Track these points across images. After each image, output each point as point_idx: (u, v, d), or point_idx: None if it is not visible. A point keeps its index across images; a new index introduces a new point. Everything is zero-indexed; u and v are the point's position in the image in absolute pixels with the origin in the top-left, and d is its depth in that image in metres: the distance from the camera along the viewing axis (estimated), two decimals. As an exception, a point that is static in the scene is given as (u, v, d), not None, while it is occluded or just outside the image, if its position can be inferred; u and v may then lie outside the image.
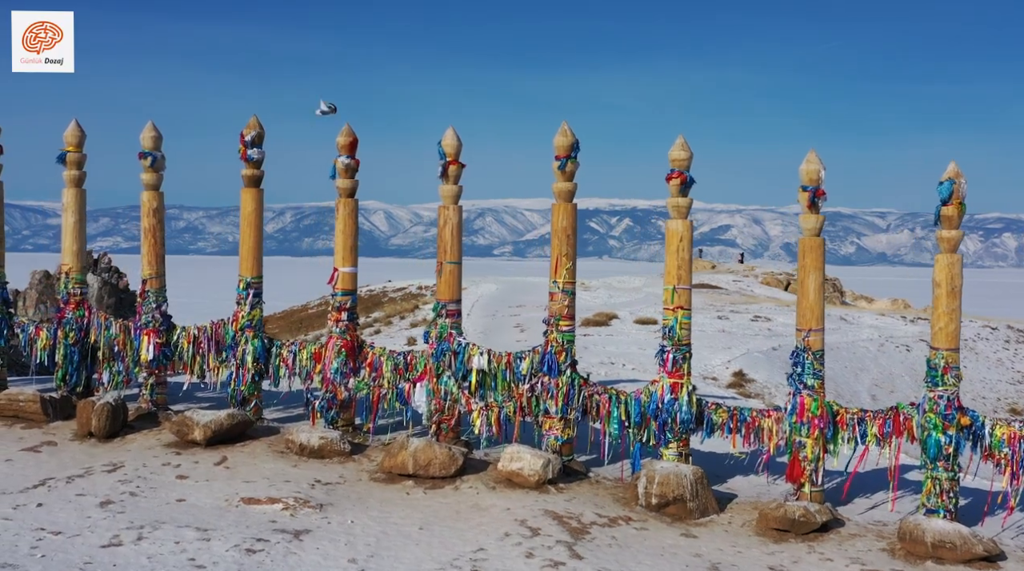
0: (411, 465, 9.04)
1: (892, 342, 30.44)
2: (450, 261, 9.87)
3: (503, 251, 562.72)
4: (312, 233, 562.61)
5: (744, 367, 21.88)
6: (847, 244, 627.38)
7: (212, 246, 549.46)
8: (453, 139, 9.77)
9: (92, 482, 8.85)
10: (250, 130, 10.50)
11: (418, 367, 10.00)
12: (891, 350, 29.58)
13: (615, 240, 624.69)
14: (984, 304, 77.84)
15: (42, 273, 75.20)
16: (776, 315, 34.85)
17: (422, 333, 10.22)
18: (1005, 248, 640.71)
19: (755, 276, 73.17)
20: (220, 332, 10.80)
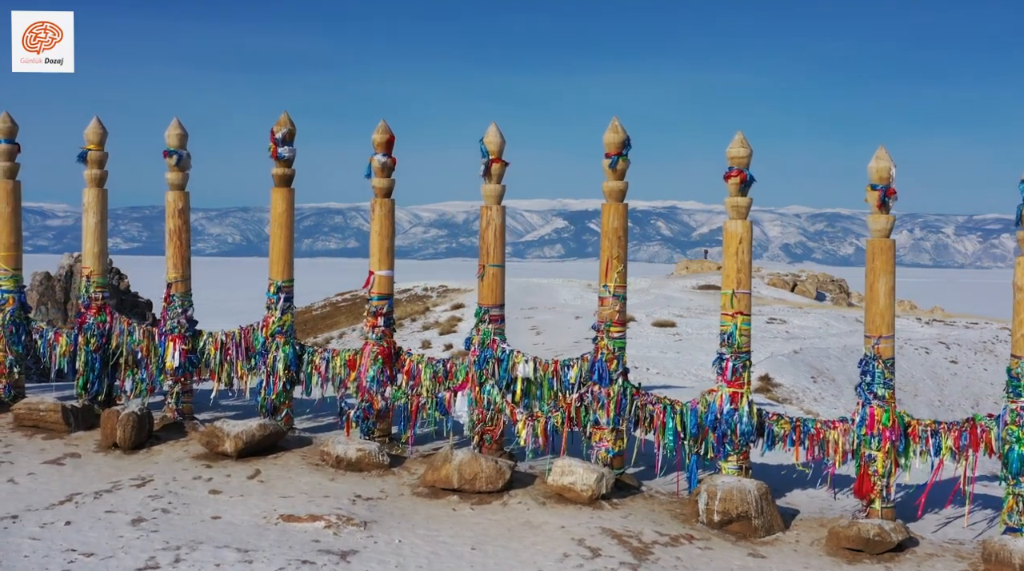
0: (456, 479, 8.59)
1: (911, 345, 30.00)
2: (493, 264, 9.43)
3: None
4: (311, 234, 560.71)
5: (769, 371, 21.42)
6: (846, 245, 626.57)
7: (211, 247, 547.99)
8: (496, 136, 9.33)
9: (121, 498, 8.39)
10: (281, 127, 10.06)
11: (459, 375, 9.56)
12: (910, 353, 29.12)
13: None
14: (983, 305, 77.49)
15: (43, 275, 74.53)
16: (791, 317, 34.40)
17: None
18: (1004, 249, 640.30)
19: (761, 277, 72.73)
20: (249, 338, 10.34)
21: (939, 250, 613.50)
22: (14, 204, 11.12)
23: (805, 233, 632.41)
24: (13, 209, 11.10)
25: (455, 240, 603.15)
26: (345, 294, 67.45)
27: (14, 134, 11.11)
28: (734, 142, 8.54)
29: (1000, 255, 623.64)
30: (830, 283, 75.43)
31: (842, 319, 34.87)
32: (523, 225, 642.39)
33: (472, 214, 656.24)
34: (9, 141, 11.08)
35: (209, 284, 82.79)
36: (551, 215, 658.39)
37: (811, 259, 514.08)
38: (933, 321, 35.30)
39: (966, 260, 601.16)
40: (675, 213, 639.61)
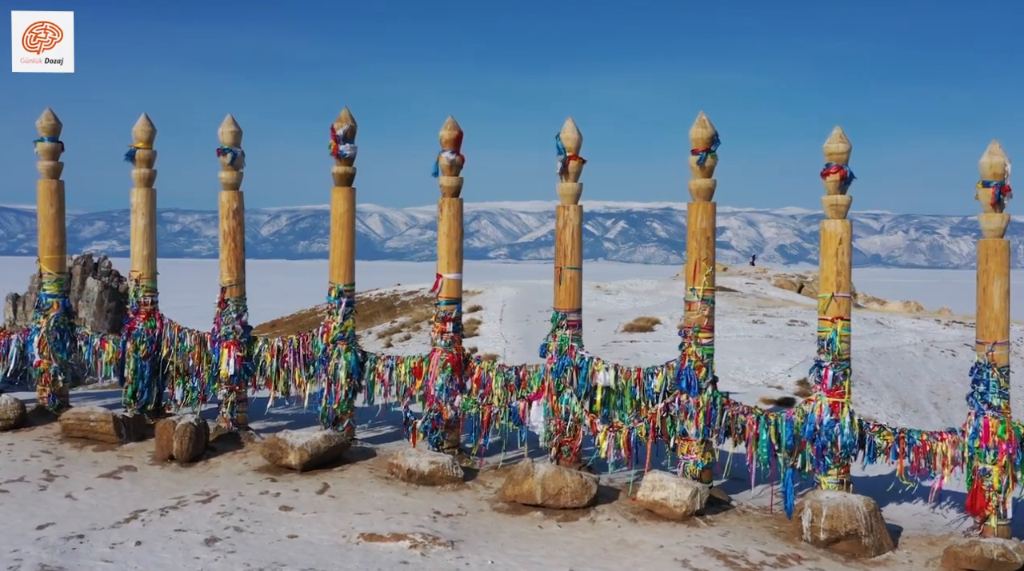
0: (539, 494, 8.15)
1: (936, 347, 29.56)
2: (570, 266, 9.00)
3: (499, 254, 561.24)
4: (307, 236, 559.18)
5: (806, 375, 20.95)
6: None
7: (208, 250, 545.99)
8: (573, 132, 8.90)
9: (189, 515, 7.94)
10: (342, 123, 9.61)
11: (533, 383, 9.11)
12: (936, 355, 28.70)
13: (610, 242, 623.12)
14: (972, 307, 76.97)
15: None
16: (812, 319, 33.85)
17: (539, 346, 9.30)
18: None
19: (768, 278, 72.29)
20: (308, 344, 9.89)
21: (934, 251, 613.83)
22: (58, 205, 10.67)
23: (801, 234, 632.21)
24: (57, 210, 10.66)
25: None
26: (348, 297, 66.80)
27: (58, 132, 10.68)
28: (832, 137, 8.11)
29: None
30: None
31: (863, 321, 34.41)
32: (519, 227, 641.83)
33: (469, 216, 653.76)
34: (53, 139, 10.64)
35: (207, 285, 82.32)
36: (547, 217, 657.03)
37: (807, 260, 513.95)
38: (953, 323, 34.82)
39: (961, 261, 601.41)
40: (671, 214, 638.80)
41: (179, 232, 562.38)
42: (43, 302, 10.60)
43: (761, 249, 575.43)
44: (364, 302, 65.36)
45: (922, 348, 29.82)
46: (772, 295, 62.00)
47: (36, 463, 9.15)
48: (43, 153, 10.60)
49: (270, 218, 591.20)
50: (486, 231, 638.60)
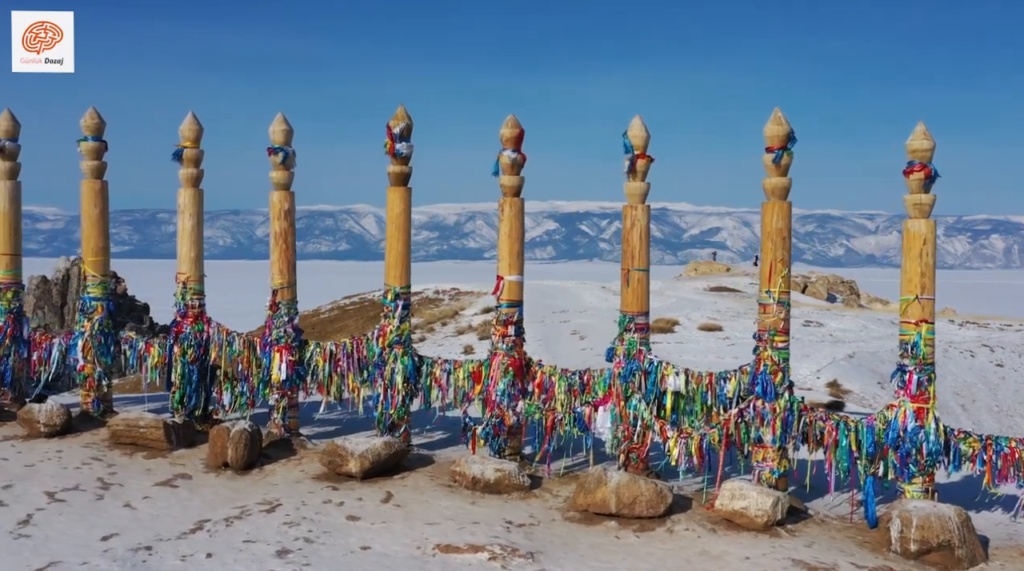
0: (613, 503, 7.90)
1: (955, 348, 29.45)
2: (638, 268, 8.75)
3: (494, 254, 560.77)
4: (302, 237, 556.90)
5: (836, 377, 20.78)
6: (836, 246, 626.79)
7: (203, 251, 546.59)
8: (641, 130, 8.66)
9: (255, 525, 7.69)
10: (398, 121, 9.37)
11: (598, 388, 8.87)
12: (956, 356, 28.58)
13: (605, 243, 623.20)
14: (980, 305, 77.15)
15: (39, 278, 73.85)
16: (827, 320, 33.81)
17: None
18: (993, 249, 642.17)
19: (771, 279, 72.11)
20: (362, 349, 9.65)
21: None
22: (102, 205, 10.42)
23: (796, 234, 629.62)
24: (101, 211, 10.41)
25: (446, 242, 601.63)
26: (352, 297, 66.72)
27: (101, 131, 10.44)
28: (916, 134, 7.88)
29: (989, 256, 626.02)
30: (840, 284, 74.92)
31: (877, 321, 34.27)
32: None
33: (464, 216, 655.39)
34: (97, 138, 10.40)
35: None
36: (542, 217, 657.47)
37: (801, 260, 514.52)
38: (967, 323, 34.70)
39: (956, 260, 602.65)
40: (666, 215, 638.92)
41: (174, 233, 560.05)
42: (87, 305, 10.34)
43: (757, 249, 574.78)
44: (368, 303, 65.15)
45: (940, 349, 29.69)
46: (776, 295, 61.67)
47: (88, 471, 8.90)
48: (87, 152, 10.35)
49: (264, 219, 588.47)
50: (481, 231, 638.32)
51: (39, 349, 10.59)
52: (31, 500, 8.10)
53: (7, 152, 10.50)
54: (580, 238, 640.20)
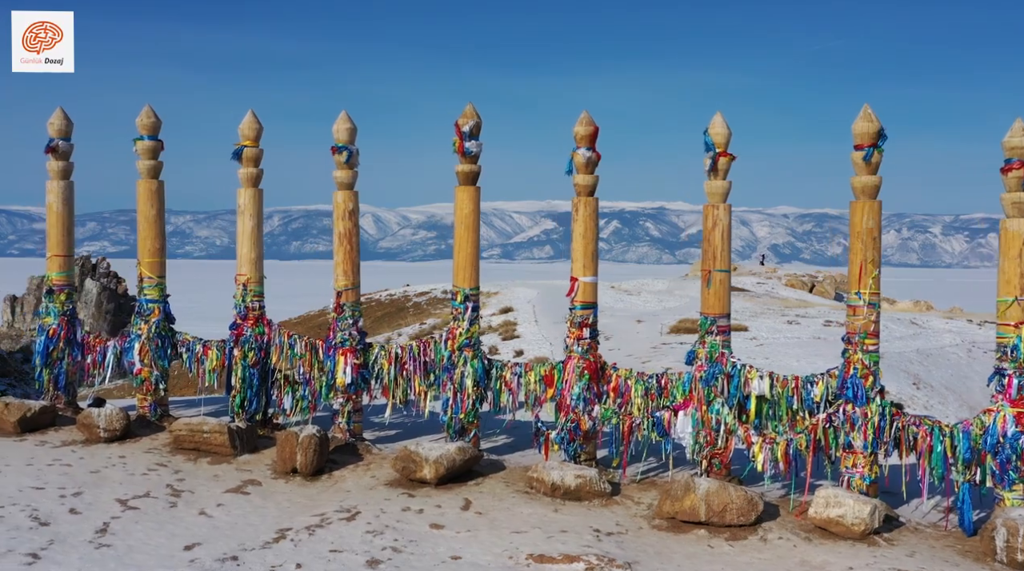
0: (703, 511, 7.70)
1: (978, 348, 29.27)
2: (719, 269, 8.53)
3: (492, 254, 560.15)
4: (300, 237, 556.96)
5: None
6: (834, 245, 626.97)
7: (200, 250, 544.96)
8: (723, 127, 8.46)
9: (338, 534, 7.48)
10: (467, 120, 9.15)
11: (676, 392, 8.65)
12: (980, 356, 28.41)
13: (603, 242, 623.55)
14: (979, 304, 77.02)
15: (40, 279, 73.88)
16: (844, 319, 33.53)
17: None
18: (991, 248, 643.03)
19: (778, 278, 72.06)
20: (429, 351, 9.44)
21: (926, 250, 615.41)
22: (159, 206, 10.20)
23: (793, 233, 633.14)
24: (158, 211, 10.19)
25: (444, 241, 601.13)
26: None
27: (158, 129, 10.23)
28: (1014, 130, 7.68)
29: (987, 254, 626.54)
30: (846, 284, 74.61)
31: (897, 321, 34.09)
32: (512, 226, 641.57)
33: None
34: (153, 137, 10.18)
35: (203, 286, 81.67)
36: (540, 217, 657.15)
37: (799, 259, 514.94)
38: (985, 323, 34.55)
39: (953, 259, 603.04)
40: (663, 214, 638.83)
41: (171, 233, 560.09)
42: (143, 308, 10.12)
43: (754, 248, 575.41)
44: (375, 303, 64.92)
45: (964, 349, 29.53)
46: (784, 295, 61.74)
47: (156, 477, 8.69)
48: (143, 152, 10.14)
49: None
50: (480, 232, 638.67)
51: (93, 352, 10.37)
52: (104, 508, 7.89)
53: (60, 151, 10.29)
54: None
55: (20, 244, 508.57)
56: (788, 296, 61.07)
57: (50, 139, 10.28)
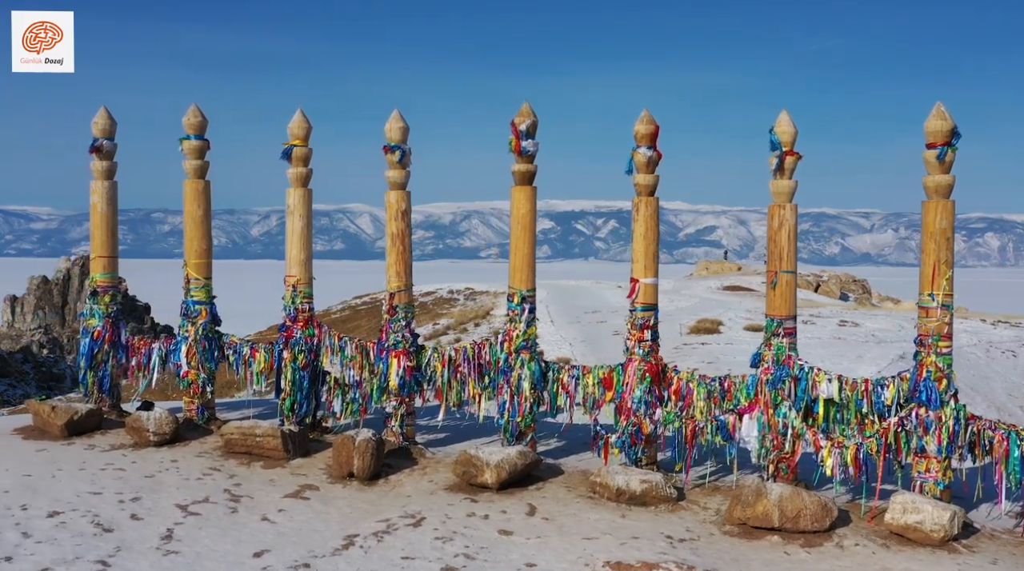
0: (776, 517, 7.56)
1: (996, 348, 29.15)
2: (785, 270, 8.39)
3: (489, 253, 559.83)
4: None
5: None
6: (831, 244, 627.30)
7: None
8: (789, 126, 8.31)
9: (406, 540, 7.34)
10: (524, 119, 9.01)
11: (740, 395, 8.51)
12: (998, 356, 28.28)
13: (601, 242, 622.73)
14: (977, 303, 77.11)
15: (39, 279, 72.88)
16: (860, 320, 33.50)
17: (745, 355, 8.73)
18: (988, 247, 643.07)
19: (783, 278, 71.82)
20: (483, 354, 9.29)
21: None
22: (206, 206, 10.06)
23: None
24: (205, 211, 10.05)
25: (442, 241, 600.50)
26: (363, 297, 66.36)
27: (204, 129, 10.08)
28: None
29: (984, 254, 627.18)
30: (852, 283, 74.78)
31: (911, 321, 33.85)
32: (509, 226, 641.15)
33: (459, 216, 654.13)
34: (199, 137, 10.03)
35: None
36: (538, 216, 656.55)
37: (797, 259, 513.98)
38: (998, 323, 34.45)
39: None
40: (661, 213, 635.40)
41: (169, 233, 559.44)
42: (190, 309, 9.96)
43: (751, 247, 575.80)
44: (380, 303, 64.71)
45: (982, 349, 29.38)
46: (790, 295, 61.32)
47: (212, 482, 8.54)
48: (189, 151, 9.99)
49: (260, 218, 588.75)
50: (476, 231, 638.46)
51: (137, 354, 10.22)
52: (165, 513, 7.74)
53: (104, 151, 10.13)
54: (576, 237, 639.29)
55: (17, 244, 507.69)
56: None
57: (94, 139, 10.12)
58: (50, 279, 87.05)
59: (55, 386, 75.84)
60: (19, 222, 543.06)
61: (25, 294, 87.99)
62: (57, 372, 79.63)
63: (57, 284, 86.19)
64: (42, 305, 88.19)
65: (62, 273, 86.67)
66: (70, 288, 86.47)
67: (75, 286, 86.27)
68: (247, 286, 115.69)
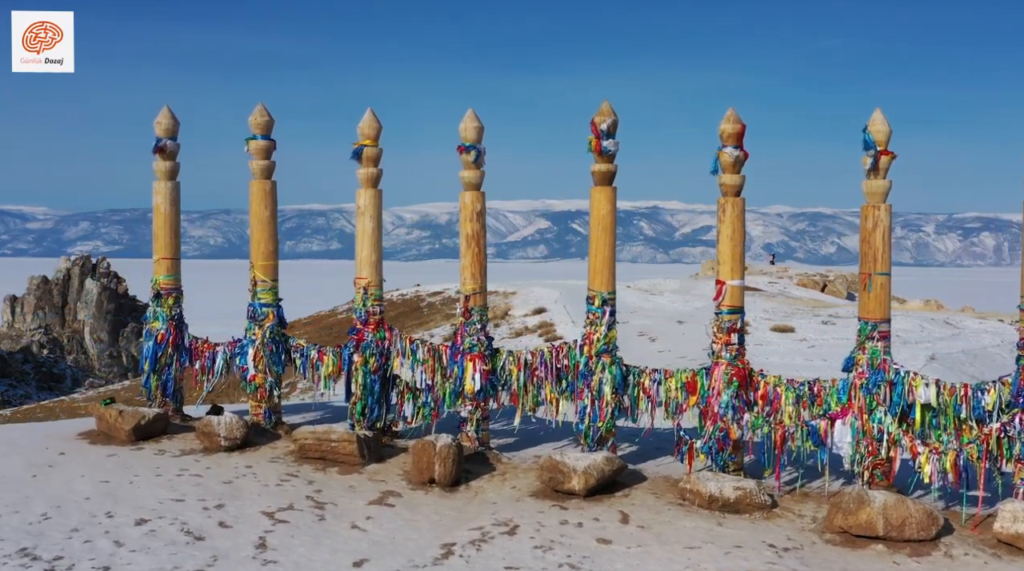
0: (880, 525, 7.38)
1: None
2: (880, 272, 8.21)
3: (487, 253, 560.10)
4: (293, 236, 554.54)
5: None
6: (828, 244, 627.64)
7: (193, 250, 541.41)
8: (884, 124, 8.15)
9: (505, 549, 7.16)
10: (604, 118, 8.83)
11: (830, 400, 8.34)
12: (1022, 357, 28.02)
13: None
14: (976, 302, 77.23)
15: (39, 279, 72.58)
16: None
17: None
18: (984, 247, 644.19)
19: (789, 277, 71.85)
20: (561, 357, 9.11)
21: (920, 248, 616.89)
22: (272, 207, 9.86)
23: (787, 232, 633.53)
24: (272, 212, 9.84)
25: (438, 241, 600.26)
26: (370, 297, 65.92)
27: (270, 128, 9.89)
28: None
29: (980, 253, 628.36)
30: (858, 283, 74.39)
31: (933, 321, 33.83)
32: (506, 226, 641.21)
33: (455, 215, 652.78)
34: (266, 137, 9.83)
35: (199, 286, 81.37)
36: (534, 216, 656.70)
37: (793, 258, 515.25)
38: (1015, 323, 34.17)
39: (946, 258, 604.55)
40: (658, 213, 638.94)
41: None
42: (258, 312, 9.77)
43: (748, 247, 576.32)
44: (387, 303, 64.42)
45: (1006, 349, 29.27)
46: (798, 294, 61.49)
47: (292, 488, 8.35)
48: (256, 151, 9.80)
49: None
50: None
51: (201, 357, 10.03)
52: (253, 521, 7.56)
53: (167, 151, 9.94)
54: (572, 237, 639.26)
55: (13, 244, 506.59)
56: (801, 296, 60.82)
57: (157, 139, 9.93)
58: (50, 279, 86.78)
59: (55, 386, 75.53)
60: (15, 222, 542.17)
61: (25, 294, 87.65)
62: (57, 372, 79.36)
63: (57, 284, 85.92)
64: (42, 305, 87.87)
65: (62, 273, 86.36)
66: (70, 288, 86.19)
67: (75, 286, 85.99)
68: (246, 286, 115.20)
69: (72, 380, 77.03)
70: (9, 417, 43.76)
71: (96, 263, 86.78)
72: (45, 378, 76.15)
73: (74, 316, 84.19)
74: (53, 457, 8.91)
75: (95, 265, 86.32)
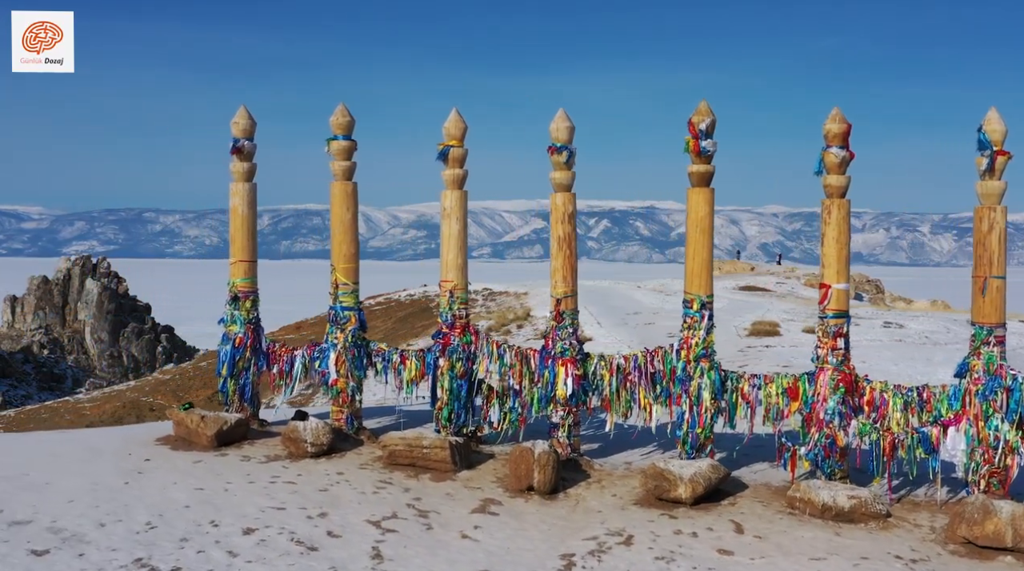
0: (1009, 536, 7.18)
1: (1047, 352, 28.78)
2: (996, 275, 8.00)
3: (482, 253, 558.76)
4: (290, 236, 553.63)
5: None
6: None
7: (189, 250, 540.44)
8: (1000, 123, 7.95)
9: (627, 561, 6.96)
10: (703, 117, 8.62)
11: (940, 406, 8.13)
12: (1050, 359, 27.90)
13: (593, 241, 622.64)
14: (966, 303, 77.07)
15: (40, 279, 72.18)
16: (905, 321, 33.18)
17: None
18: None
19: (797, 278, 71.67)
20: (655, 362, 8.90)
21: (915, 248, 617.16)
22: (354, 208, 9.65)
23: (783, 232, 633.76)
24: (354, 214, 9.62)
25: (434, 241, 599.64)
26: (378, 297, 65.89)
27: (351, 129, 9.66)
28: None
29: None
30: (866, 283, 74.44)
31: (953, 322, 33.65)
32: (502, 226, 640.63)
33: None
34: (347, 137, 9.61)
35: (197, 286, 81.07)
36: (530, 216, 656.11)
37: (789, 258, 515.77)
38: (1035, 324, 34.13)
39: (942, 258, 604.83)
40: (654, 213, 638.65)
41: (160, 232, 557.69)
42: (339, 316, 9.54)
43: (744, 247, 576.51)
44: (395, 304, 64.19)
45: (1030, 349, 29.07)
46: (806, 295, 61.24)
47: (390, 496, 8.14)
48: (337, 152, 9.57)
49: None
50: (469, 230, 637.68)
51: (279, 361, 9.80)
52: (359, 530, 7.36)
53: (245, 152, 9.72)
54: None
55: (8, 243, 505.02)
56: (810, 296, 60.61)
57: (235, 139, 9.70)
58: (50, 279, 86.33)
59: (56, 387, 75.13)
60: (11, 222, 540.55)
61: (25, 294, 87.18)
62: (58, 372, 78.94)
63: (57, 284, 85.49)
64: (42, 305, 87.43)
65: (62, 273, 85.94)
66: (70, 288, 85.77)
67: (75, 286, 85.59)
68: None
69: (73, 380, 76.62)
70: (13, 417, 43.41)
71: (96, 263, 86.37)
72: (46, 378, 75.72)
73: (74, 316, 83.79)
74: (139, 463, 8.69)
75: (95, 265, 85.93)
